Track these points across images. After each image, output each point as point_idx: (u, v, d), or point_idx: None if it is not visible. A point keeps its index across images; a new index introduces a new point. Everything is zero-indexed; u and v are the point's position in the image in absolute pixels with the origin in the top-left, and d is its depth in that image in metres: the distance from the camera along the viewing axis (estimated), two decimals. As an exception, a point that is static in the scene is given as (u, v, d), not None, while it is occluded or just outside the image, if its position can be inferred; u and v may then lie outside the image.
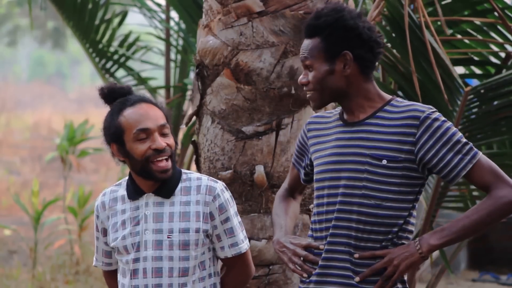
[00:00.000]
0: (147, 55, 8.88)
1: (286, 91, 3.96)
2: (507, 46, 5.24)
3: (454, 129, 3.11)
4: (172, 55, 7.64)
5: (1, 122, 21.26)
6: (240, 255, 3.33)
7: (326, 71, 3.16)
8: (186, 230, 3.24)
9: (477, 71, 5.35)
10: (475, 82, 5.37)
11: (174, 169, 3.27)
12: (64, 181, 10.67)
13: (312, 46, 3.18)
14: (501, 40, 5.11)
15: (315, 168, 3.25)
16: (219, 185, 3.31)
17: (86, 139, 10.47)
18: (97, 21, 7.38)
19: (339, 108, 3.27)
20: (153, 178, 3.24)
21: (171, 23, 7.47)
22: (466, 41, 5.19)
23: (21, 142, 19.58)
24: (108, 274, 3.48)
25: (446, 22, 4.96)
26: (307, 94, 3.22)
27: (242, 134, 3.98)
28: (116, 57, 7.60)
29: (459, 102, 4.81)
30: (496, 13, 4.88)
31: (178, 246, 3.23)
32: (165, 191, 3.27)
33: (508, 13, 4.97)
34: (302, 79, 3.21)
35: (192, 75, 5.93)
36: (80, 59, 31.81)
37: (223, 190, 3.31)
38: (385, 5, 4.74)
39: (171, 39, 7.55)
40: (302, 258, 3.21)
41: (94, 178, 15.66)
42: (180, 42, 7.52)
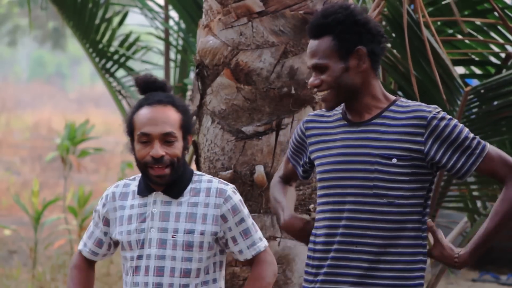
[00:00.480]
0: (147, 55, 8.88)
1: (286, 91, 3.96)
2: (507, 47, 5.24)
3: (461, 126, 3.14)
4: (172, 55, 7.64)
5: (1, 122, 21.25)
6: (260, 254, 3.31)
7: (342, 69, 3.13)
8: (191, 232, 3.23)
9: (477, 71, 5.35)
10: (475, 82, 5.37)
11: (185, 171, 3.27)
12: (64, 181, 10.66)
13: (324, 46, 3.14)
14: (501, 41, 5.12)
15: (319, 168, 3.24)
16: (230, 188, 3.30)
17: (87, 139, 10.47)
18: (97, 21, 7.38)
19: (339, 108, 3.26)
20: (151, 181, 3.25)
21: (171, 23, 7.47)
22: (466, 41, 5.19)
23: (21, 142, 19.57)
24: (82, 265, 3.42)
25: (446, 23, 4.96)
26: (319, 96, 3.19)
27: (242, 134, 3.98)
28: (116, 57, 7.60)
29: (459, 102, 4.81)
30: (496, 13, 4.88)
31: (182, 247, 3.22)
32: (174, 191, 3.27)
33: (508, 13, 4.97)
34: (314, 81, 3.15)
35: (192, 75, 5.93)
36: (80, 59, 31.81)
37: (234, 192, 3.30)
38: (385, 5, 4.74)
39: (171, 39, 7.54)
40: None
41: (94, 178, 15.66)
42: (180, 42, 7.52)
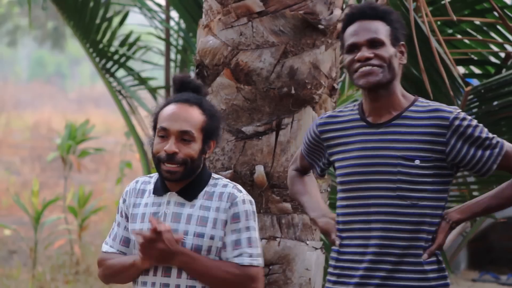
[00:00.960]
0: (147, 55, 8.88)
1: (286, 91, 3.96)
2: (507, 46, 5.24)
3: (481, 126, 3.18)
4: (172, 55, 7.64)
5: (1, 122, 21.22)
6: (245, 267, 3.23)
7: (394, 52, 3.19)
8: (201, 235, 3.23)
9: (477, 71, 5.35)
10: (476, 82, 5.37)
11: (202, 174, 3.28)
12: (64, 181, 10.66)
13: (380, 27, 3.18)
14: (501, 40, 5.12)
15: (339, 171, 3.25)
16: (242, 195, 3.29)
17: (87, 139, 10.47)
18: (98, 21, 7.38)
19: (350, 107, 3.27)
20: (162, 177, 3.27)
21: (171, 23, 7.47)
22: (466, 41, 5.20)
23: (21, 142, 19.56)
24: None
25: (446, 22, 4.96)
26: (363, 70, 3.16)
27: (242, 134, 3.98)
28: (117, 57, 7.60)
29: (459, 102, 4.81)
30: (496, 13, 4.88)
31: (190, 249, 3.22)
32: (189, 193, 3.27)
33: (508, 13, 4.98)
34: (366, 53, 3.15)
35: (192, 75, 5.92)
36: (80, 59, 31.79)
37: (244, 201, 3.29)
38: (388, 3, 4.74)
39: (171, 39, 7.54)
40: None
41: (94, 178, 15.65)
42: (180, 42, 7.52)
